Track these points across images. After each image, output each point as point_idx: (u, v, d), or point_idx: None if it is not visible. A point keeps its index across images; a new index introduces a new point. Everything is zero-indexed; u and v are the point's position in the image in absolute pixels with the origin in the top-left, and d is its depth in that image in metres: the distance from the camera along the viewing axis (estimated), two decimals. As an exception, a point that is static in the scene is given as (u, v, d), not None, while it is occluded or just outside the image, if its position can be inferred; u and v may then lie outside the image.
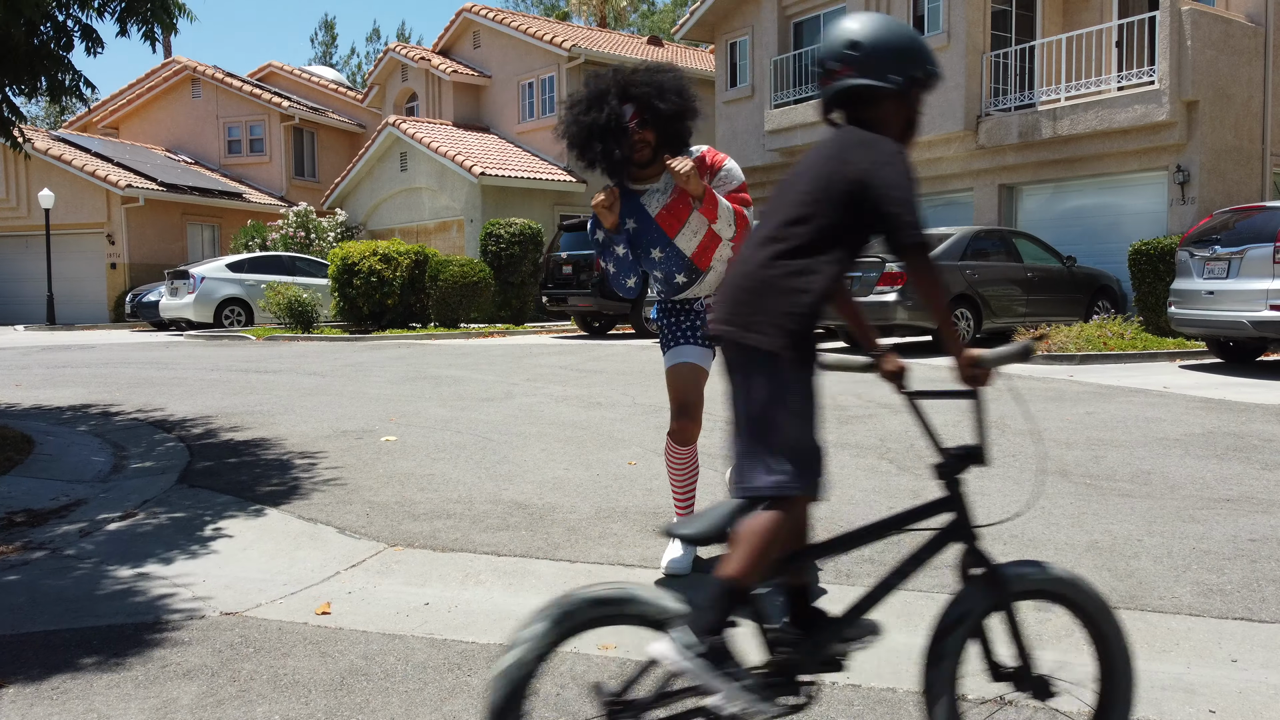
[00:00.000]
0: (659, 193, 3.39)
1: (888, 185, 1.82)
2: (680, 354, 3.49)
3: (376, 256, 16.92)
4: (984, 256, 12.41)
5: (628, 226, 3.45)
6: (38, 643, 2.90)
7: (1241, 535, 3.82)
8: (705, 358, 3.52)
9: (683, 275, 3.47)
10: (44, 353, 14.01)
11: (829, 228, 1.87)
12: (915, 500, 4.46)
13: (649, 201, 3.40)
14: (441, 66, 25.58)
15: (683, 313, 3.56)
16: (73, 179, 25.08)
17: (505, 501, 4.55)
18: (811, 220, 1.87)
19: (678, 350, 3.51)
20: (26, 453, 5.80)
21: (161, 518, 4.44)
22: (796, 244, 1.87)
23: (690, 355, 3.48)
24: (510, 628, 2.98)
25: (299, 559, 3.81)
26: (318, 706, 2.42)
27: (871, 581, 2.04)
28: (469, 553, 3.78)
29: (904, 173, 1.84)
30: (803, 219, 1.88)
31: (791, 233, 1.88)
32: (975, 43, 15.42)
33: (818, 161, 1.93)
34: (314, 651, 2.80)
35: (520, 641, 1.77)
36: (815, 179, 1.90)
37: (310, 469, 5.32)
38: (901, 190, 1.82)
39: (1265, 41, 14.04)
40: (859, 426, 6.32)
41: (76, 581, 3.52)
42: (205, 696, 2.49)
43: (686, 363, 3.47)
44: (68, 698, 2.49)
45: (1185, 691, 2.48)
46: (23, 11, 4.95)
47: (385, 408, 7.47)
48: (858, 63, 1.94)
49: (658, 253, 3.44)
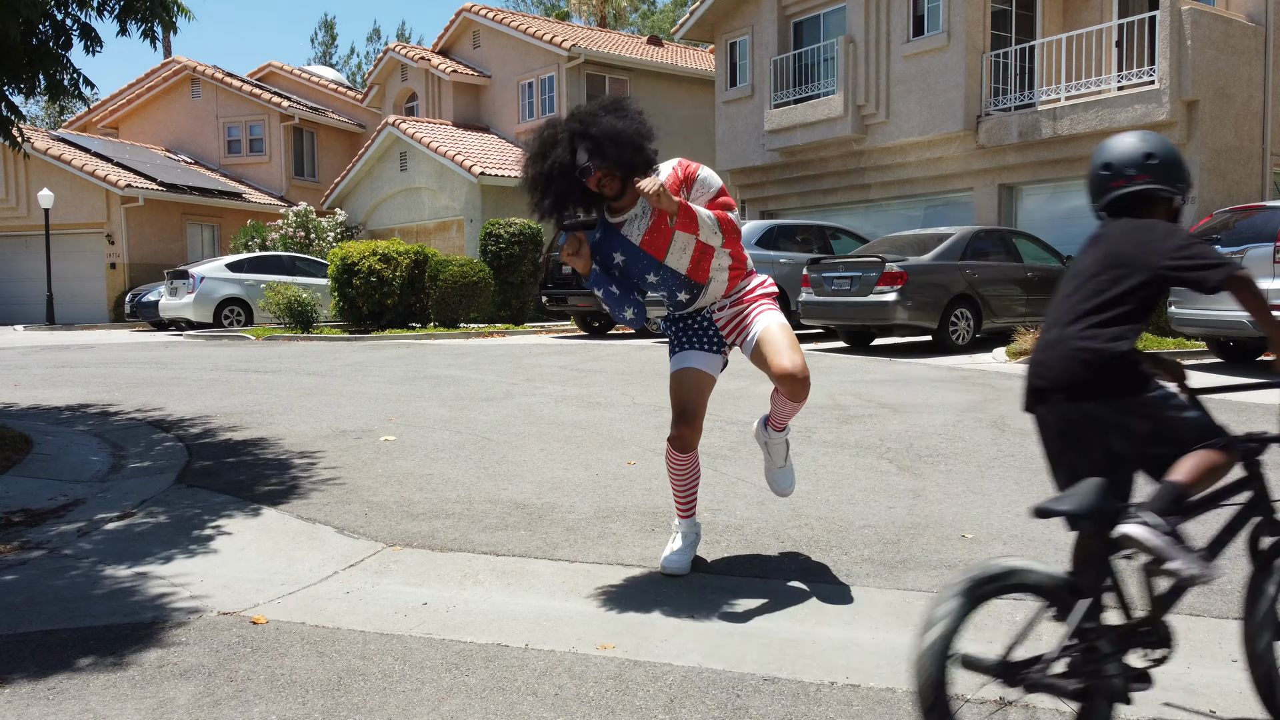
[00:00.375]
0: (638, 218, 3.32)
1: (1190, 258, 2.17)
2: (686, 359, 3.42)
3: (376, 256, 16.91)
4: (984, 256, 12.40)
5: (616, 261, 3.38)
6: (35, 642, 2.89)
7: (1242, 535, 3.80)
8: (713, 364, 3.45)
9: (684, 293, 3.42)
10: (43, 353, 14.01)
11: (1139, 302, 2.20)
12: (915, 499, 4.45)
13: (630, 230, 3.34)
14: (441, 66, 25.58)
15: (691, 318, 3.51)
16: (72, 179, 25.08)
17: (504, 501, 4.55)
18: (1123, 299, 2.20)
19: (684, 355, 3.44)
20: (25, 452, 5.79)
21: (159, 517, 4.43)
22: (1111, 315, 2.19)
23: (697, 361, 3.42)
24: (509, 628, 2.98)
25: (297, 559, 3.80)
26: (315, 706, 2.42)
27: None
28: (467, 552, 3.77)
29: (1191, 242, 2.20)
30: (1116, 299, 2.20)
31: (1107, 310, 2.20)
32: (975, 42, 15.41)
33: (1120, 244, 2.25)
34: (311, 651, 2.79)
35: (938, 619, 1.97)
36: (1119, 259, 2.23)
37: (309, 469, 5.31)
38: (1200, 258, 2.16)
39: (1265, 41, 14.03)
40: (858, 426, 6.31)
41: (74, 581, 3.51)
42: (202, 696, 2.48)
43: (692, 368, 3.40)
44: (64, 698, 2.48)
45: (1185, 691, 2.47)
46: (20, 11, 4.94)
47: (384, 407, 7.46)
48: (1154, 170, 2.31)
49: (653, 277, 3.38)
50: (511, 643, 2.85)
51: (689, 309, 3.50)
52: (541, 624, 3.02)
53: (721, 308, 3.47)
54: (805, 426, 6.27)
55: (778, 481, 3.75)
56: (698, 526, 3.63)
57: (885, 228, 17.56)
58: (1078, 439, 2.24)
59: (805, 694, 2.47)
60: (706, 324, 3.47)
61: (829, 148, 17.68)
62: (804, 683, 2.54)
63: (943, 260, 11.89)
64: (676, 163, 3.38)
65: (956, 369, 9.67)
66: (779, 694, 2.47)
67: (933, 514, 4.22)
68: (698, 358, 3.41)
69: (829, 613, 3.08)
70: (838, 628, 2.96)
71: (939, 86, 15.79)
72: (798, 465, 5.18)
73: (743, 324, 3.42)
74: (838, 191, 18.46)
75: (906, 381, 8.65)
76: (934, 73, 15.85)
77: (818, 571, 3.49)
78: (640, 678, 2.57)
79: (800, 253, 14.14)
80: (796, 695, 2.47)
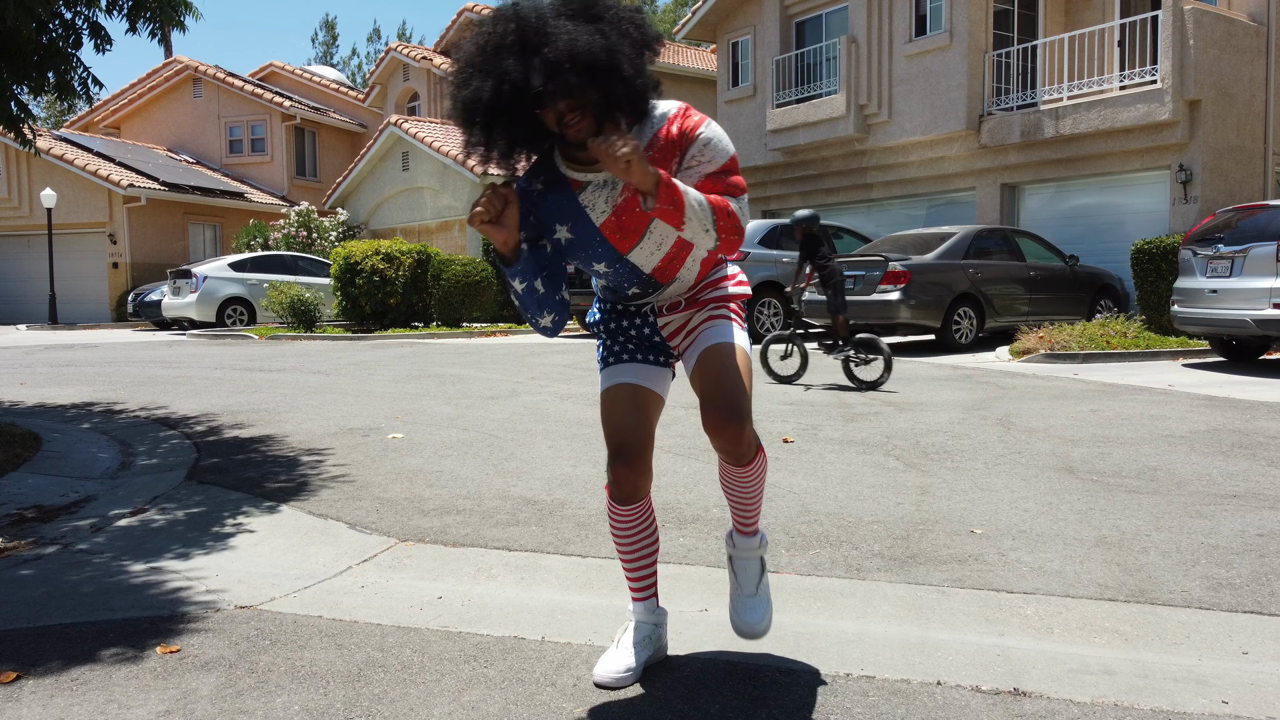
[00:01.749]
0: (607, 186, 2.26)
1: None
2: (620, 372, 2.46)
3: (379, 256, 16.94)
4: (987, 256, 12.43)
5: (557, 236, 2.33)
6: (55, 635, 2.91)
7: (1249, 530, 3.83)
8: (658, 379, 2.49)
9: (635, 287, 2.44)
10: (47, 352, 14.03)
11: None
12: (923, 495, 4.48)
13: (592, 200, 2.27)
14: (443, 66, 25.60)
15: (627, 317, 2.53)
16: (75, 178, 25.11)
17: (514, 498, 4.57)
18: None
19: (619, 368, 2.47)
20: (34, 450, 5.82)
21: (172, 513, 4.46)
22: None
23: (636, 375, 2.46)
24: (525, 621, 3.00)
25: (311, 554, 3.83)
26: (336, 697, 2.44)
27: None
28: (480, 548, 3.79)
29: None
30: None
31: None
32: (977, 42, 15.44)
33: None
34: (330, 644, 2.82)
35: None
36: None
37: (318, 466, 5.34)
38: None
39: (1267, 40, 14.06)
40: (864, 424, 6.34)
41: (91, 576, 3.54)
42: (225, 687, 2.50)
43: (629, 383, 2.44)
44: (87, 689, 2.51)
45: (1198, 683, 2.49)
46: (33, 10, 4.97)
47: (390, 406, 7.49)
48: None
49: (602, 268, 2.39)
50: (528, 635, 2.88)
51: (631, 304, 2.52)
52: (557, 617, 3.04)
53: (674, 304, 2.49)
54: (812, 424, 6.29)
55: (744, 614, 2.58)
56: (659, 616, 2.63)
57: (887, 227, 17.59)
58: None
59: (822, 685, 2.50)
60: (648, 329, 2.51)
61: (831, 147, 17.71)
62: (820, 674, 2.57)
63: (946, 259, 11.92)
64: (677, 109, 2.27)
65: (960, 367, 9.70)
66: (796, 685, 2.49)
67: (941, 510, 4.24)
68: (638, 370, 2.46)
69: (841, 606, 3.10)
70: (850, 621, 2.98)
71: (941, 86, 15.81)
72: (804, 463, 5.19)
73: (693, 331, 2.49)
74: (840, 191, 18.48)
75: (911, 380, 8.67)
76: (936, 72, 15.87)
77: (828, 566, 3.51)
78: (658, 669, 2.60)
79: (803, 252, 14.15)
80: (813, 686, 2.49)
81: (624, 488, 2.40)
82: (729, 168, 2.22)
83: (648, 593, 2.61)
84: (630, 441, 2.38)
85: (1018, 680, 2.53)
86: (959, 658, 2.68)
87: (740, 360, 2.38)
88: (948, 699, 2.42)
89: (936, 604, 3.11)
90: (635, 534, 2.52)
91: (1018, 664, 2.63)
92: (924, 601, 3.14)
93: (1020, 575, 3.36)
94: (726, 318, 2.47)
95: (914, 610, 3.07)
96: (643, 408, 2.42)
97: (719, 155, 2.22)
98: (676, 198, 2.04)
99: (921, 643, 2.80)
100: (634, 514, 2.48)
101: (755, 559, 2.63)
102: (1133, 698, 2.44)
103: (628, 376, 2.44)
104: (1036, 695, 2.44)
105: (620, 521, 2.49)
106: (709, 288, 2.49)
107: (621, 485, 2.40)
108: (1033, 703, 2.40)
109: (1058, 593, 3.19)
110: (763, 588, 2.63)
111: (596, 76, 2.02)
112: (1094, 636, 2.84)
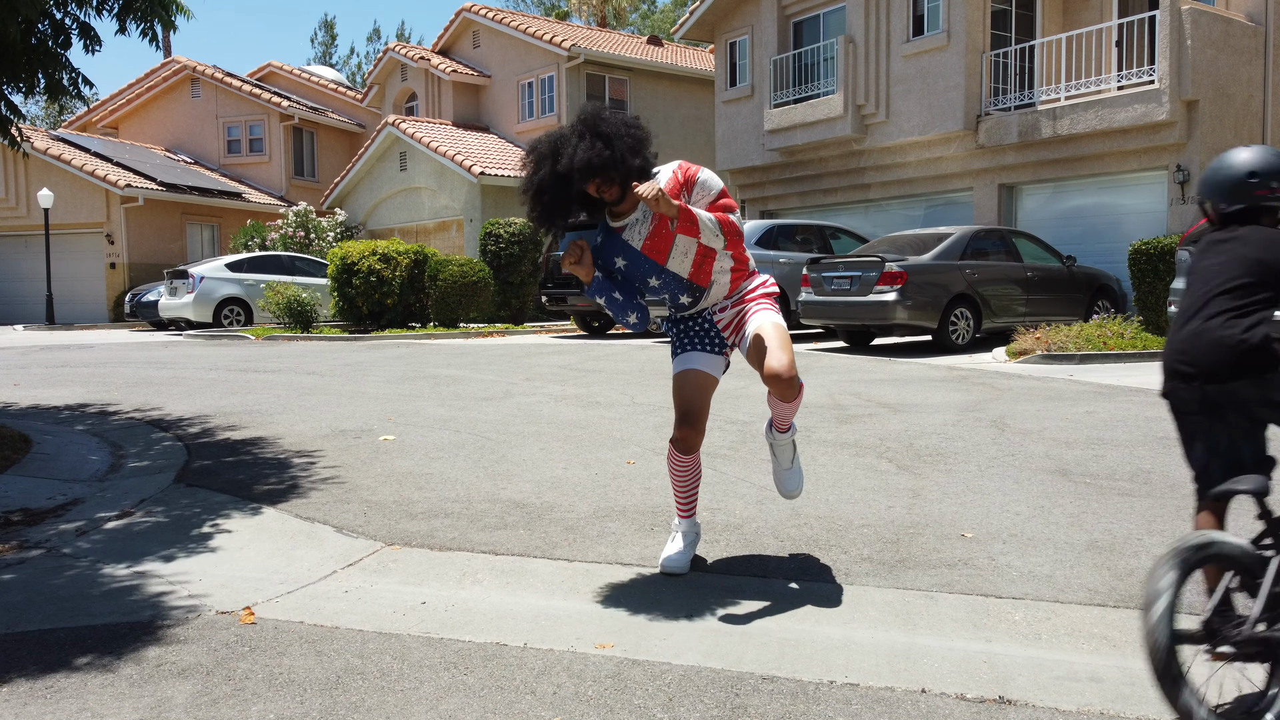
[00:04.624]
0: (639, 223, 3.33)
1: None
2: (689, 360, 3.42)
3: (376, 256, 16.91)
4: (984, 256, 12.40)
5: (618, 266, 3.39)
6: (33, 641, 2.88)
7: (1242, 534, 3.80)
8: (715, 365, 3.45)
9: (686, 296, 3.43)
10: (42, 352, 14.00)
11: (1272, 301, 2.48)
12: (915, 499, 4.45)
13: (631, 235, 3.34)
14: (441, 66, 25.58)
15: (693, 319, 3.51)
16: (72, 179, 25.07)
17: (503, 500, 4.54)
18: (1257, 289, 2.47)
19: (687, 356, 3.44)
20: (24, 452, 5.79)
21: (158, 516, 4.43)
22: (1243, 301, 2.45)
23: (699, 362, 3.42)
24: (508, 627, 2.97)
25: (296, 558, 3.80)
26: (313, 705, 2.41)
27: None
28: (466, 552, 3.77)
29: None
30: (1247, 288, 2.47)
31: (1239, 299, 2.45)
32: (975, 42, 15.41)
33: (1264, 253, 2.50)
34: (310, 650, 2.79)
35: (1160, 591, 2.11)
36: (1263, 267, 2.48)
37: (308, 468, 5.31)
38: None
39: (1265, 41, 14.03)
40: (858, 426, 6.31)
41: (72, 580, 3.51)
42: (200, 695, 2.48)
43: (694, 369, 3.40)
44: (62, 696, 2.48)
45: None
46: (19, 10, 4.93)
47: (384, 407, 7.46)
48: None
49: (655, 281, 3.39)
50: (510, 642, 2.85)
51: (691, 310, 3.51)
52: (540, 623, 3.01)
53: (723, 309, 3.49)
54: (805, 426, 6.26)
55: (785, 483, 3.72)
56: (698, 526, 3.64)
57: (885, 227, 17.56)
58: (1220, 414, 2.51)
59: (804, 693, 2.47)
60: (708, 325, 3.49)
61: (829, 147, 17.68)
62: (803, 681, 2.54)
63: (942, 260, 11.89)
64: (676, 165, 3.37)
65: (956, 368, 9.67)
66: (778, 693, 2.46)
67: (932, 513, 4.21)
68: (700, 359, 3.42)
69: (827, 612, 3.08)
70: (836, 627, 2.95)
71: (939, 86, 15.79)
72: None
73: (741, 323, 3.45)
74: (837, 191, 18.45)
75: (906, 381, 8.64)
76: (934, 72, 15.85)
77: (816, 571, 3.49)
78: (639, 677, 2.57)
79: (800, 252, 14.14)
80: (795, 694, 2.46)
81: (688, 443, 3.40)
82: (720, 196, 3.35)
83: (691, 512, 3.59)
84: (693, 410, 3.38)
85: (1003, 688, 2.50)
86: (945, 664, 2.65)
87: (782, 334, 3.33)
88: (931, 707, 2.40)
89: (924, 609, 3.09)
90: (689, 475, 3.50)
91: (1004, 671, 2.60)
92: (912, 607, 3.12)
93: (1010, 580, 3.33)
94: (764, 307, 3.44)
95: (901, 616, 3.04)
96: (703, 387, 3.41)
97: (713, 189, 3.36)
98: (692, 217, 3.18)
99: (907, 649, 2.77)
100: (690, 462, 3.46)
101: (789, 444, 3.67)
102: (1119, 706, 2.41)
103: (692, 363, 3.42)
104: (1022, 703, 2.41)
105: (680, 466, 3.47)
106: (749, 292, 3.48)
107: (686, 441, 3.39)
108: (1018, 711, 2.37)
109: (1047, 598, 3.16)
110: (796, 462, 3.72)
111: (605, 170, 3.13)
112: (1082, 643, 2.82)
